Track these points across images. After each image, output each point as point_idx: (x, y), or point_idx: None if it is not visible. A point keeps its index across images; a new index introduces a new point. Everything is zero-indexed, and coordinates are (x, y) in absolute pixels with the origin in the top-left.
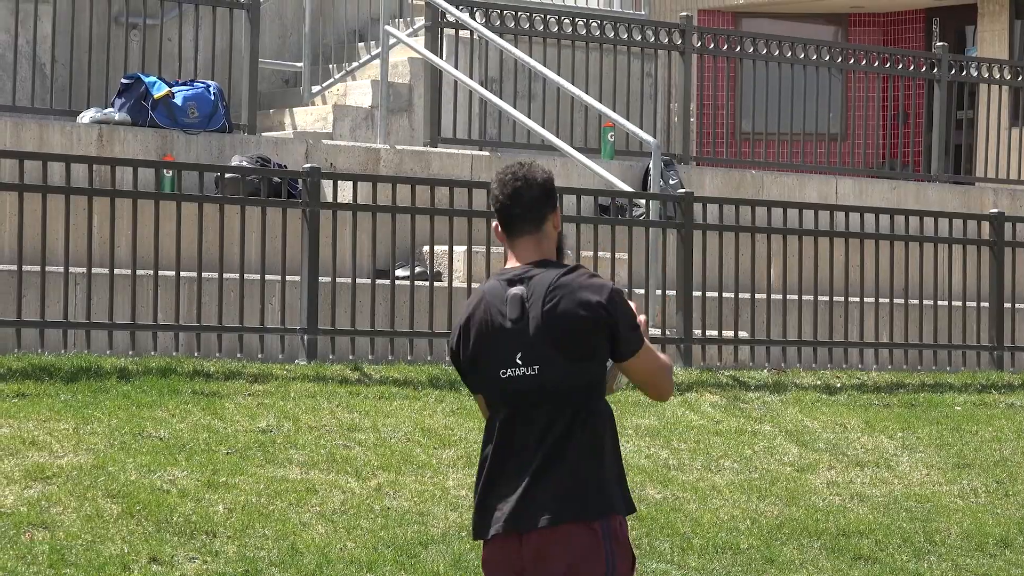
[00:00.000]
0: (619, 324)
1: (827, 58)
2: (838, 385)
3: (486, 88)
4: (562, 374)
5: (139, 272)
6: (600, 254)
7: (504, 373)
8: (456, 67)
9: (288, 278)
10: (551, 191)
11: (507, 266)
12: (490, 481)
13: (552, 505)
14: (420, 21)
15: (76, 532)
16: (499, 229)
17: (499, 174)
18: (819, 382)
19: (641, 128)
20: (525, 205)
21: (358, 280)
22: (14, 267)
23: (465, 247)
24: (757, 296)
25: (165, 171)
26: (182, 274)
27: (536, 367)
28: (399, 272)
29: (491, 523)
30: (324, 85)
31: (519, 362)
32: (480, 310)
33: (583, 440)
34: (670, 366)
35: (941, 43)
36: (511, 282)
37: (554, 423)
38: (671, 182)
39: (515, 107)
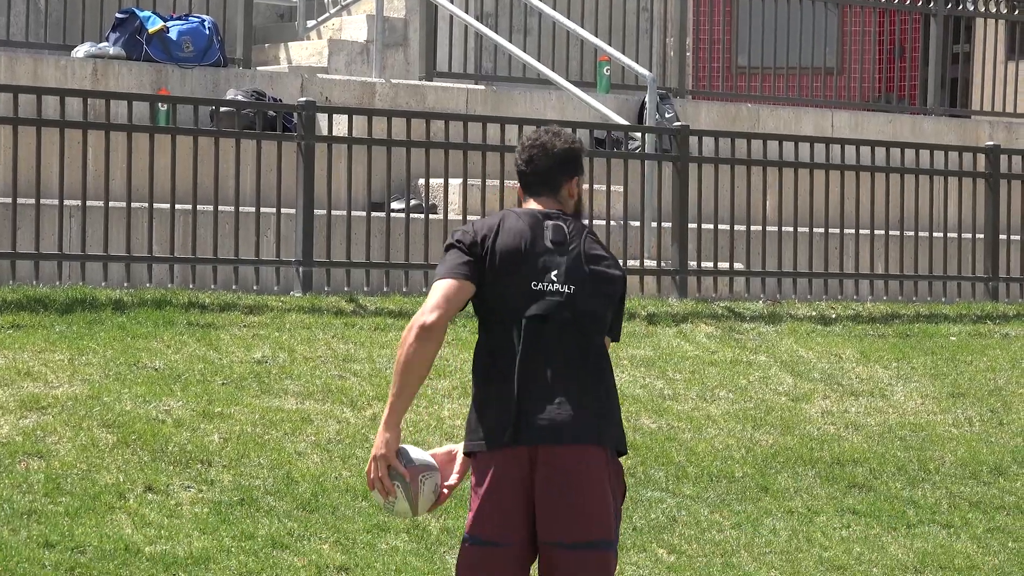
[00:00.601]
0: (618, 301)
1: None
2: (833, 316)
3: (481, 22)
4: (592, 302)
5: (134, 205)
6: (596, 187)
7: (536, 285)
8: (451, 1)
9: (283, 211)
10: (569, 161)
11: (529, 207)
12: (514, 387)
13: (593, 423)
14: None
15: (71, 462)
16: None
17: (525, 136)
18: (814, 313)
19: (637, 62)
20: (539, 170)
21: (353, 213)
22: (9, 200)
23: (460, 180)
24: (752, 228)
25: (160, 105)
26: (177, 207)
27: (572, 287)
28: (394, 205)
29: (507, 433)
30: (319, 19)
31: (554, 279)
32: (518, 223)
33: (602, 370)
34: None
35: None
36: (547, 216)
37: (588, 346)
38: (667, 115)
39: (511, 41)
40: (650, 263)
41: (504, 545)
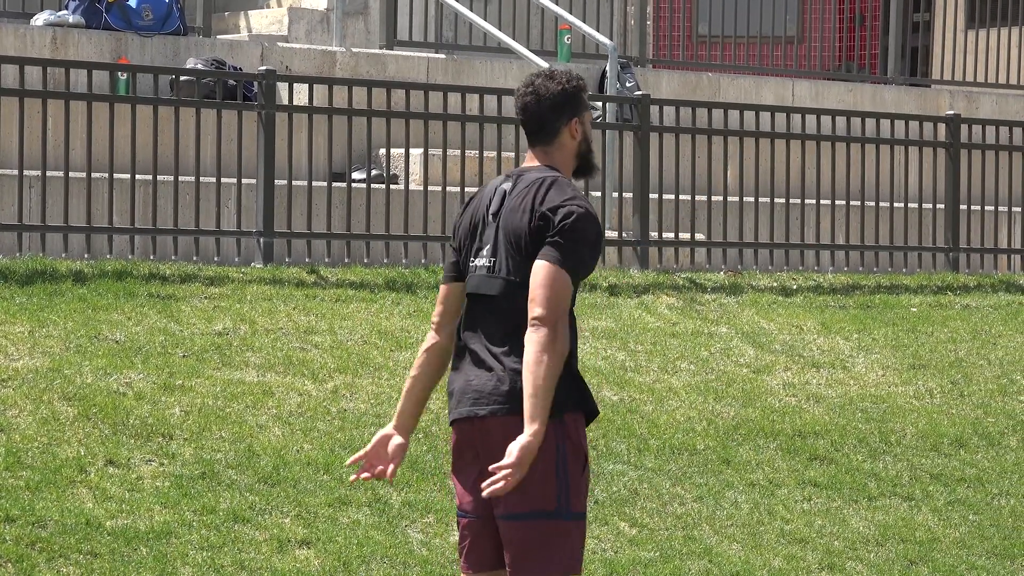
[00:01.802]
0: (551, 229)
1: None
2: (794, 287)
3: None
4: (515, 268)
5: (94, 175)
6: None
7: (473, 262)
8: None
9: (244, 181)
10: (566, 103)
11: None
12: (454, 367)
13: (498, 397)
14: None
15: (32, 435)
16: None
17: (521, 83)
18: (775, 284)
19: (598, 31)
20: (532, 118)
21: (314, 183)
22: None
23: (421, 150)
24: (714, 198)
25: (120, 74)
26: (137, 177)
27: (494, 259)
28: (355, 175)
29: (454, 407)
30: None
31: (485, 254)
32: (477, 199)
33: None
34: (554, 302)
35: None
36: (507, 177)
37: (508, 314)
38: (627, 85)
39: (471, 9)
40: (611, 234)
41: (475, 516)
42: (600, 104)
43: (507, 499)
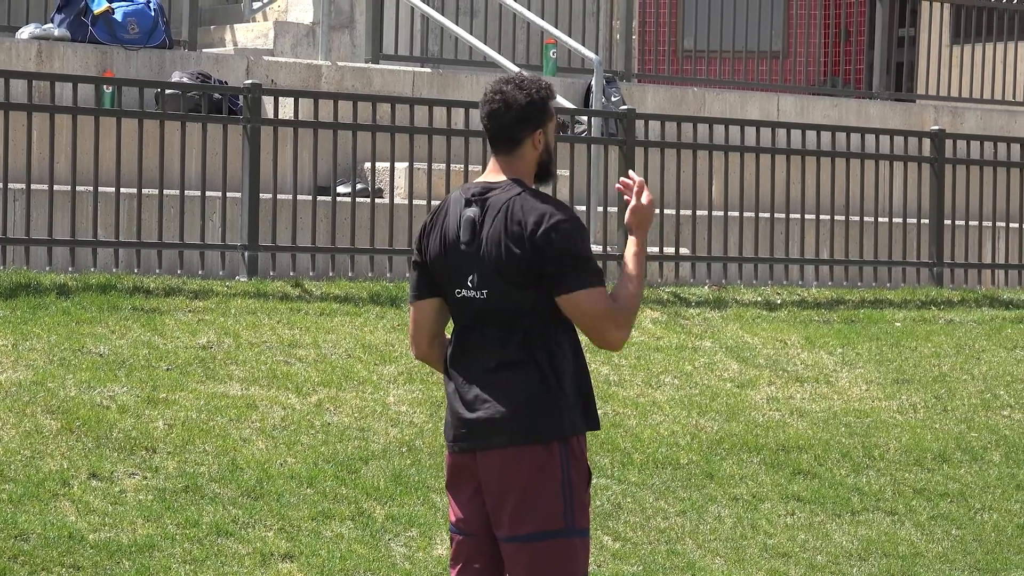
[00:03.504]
0: (546, 258)
1: None
2: (778, 301)
3: (428, 4)
4: (508, 299)
5: (79, 188)
6: None
7: (459, 293)
8: None
9: (229, 194)
10: (533, 112)
11: (479, 179)
12: (452, 394)
13: (502, 427)
14: None
15: (15, 448)
16: None
17: (488, 87)
18: (759, 298)
19: (583, 45)
20: (497, 127)
21: (299, 197)
22: None
23: (407, 164)
24: (698, 213)
25: (105, 87)
26: (122, 190)
27: (485, 291)
28: (340, 189)
29: (450, 434)
30: (265, 1)
31: (470, 284)
32: (442, 219)
33: (534, 362)
34: (620, 314)
35: None
36: (468, 202)
37: (506, 344)
38: (613, 99)
39: (457, 23)
40: (597, 248)
41: (470, 535)
42: (585, 118)
43: (511, 521)
